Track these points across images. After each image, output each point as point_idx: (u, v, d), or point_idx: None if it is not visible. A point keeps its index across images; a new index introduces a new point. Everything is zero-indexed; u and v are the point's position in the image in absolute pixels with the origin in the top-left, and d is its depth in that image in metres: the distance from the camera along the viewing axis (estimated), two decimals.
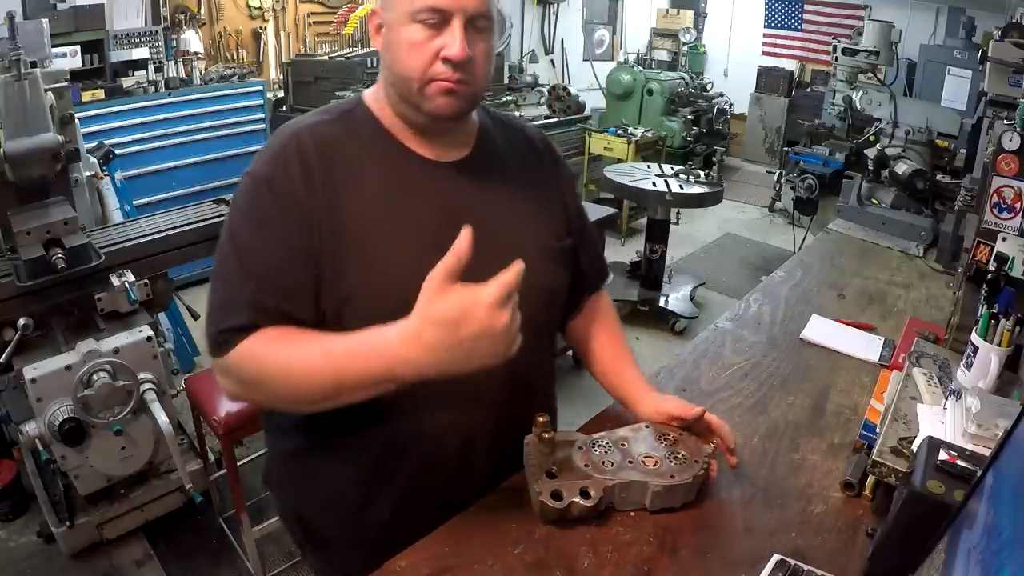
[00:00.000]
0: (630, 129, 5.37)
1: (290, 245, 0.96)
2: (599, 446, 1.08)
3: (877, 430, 1.17)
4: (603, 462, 1.05)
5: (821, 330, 1.68)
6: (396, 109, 1.03)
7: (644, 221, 4.40)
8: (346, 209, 0.98)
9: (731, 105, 7.02)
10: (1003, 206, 1.50)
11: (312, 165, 0.98)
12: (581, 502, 0.99)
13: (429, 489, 1.07)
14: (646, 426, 1.12)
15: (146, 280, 2.23)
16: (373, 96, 1.07)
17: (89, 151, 2.78)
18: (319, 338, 0.92)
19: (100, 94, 3.90)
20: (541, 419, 1.03)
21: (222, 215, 2.48)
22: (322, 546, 1.17)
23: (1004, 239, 1.48)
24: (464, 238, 0.81)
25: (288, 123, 1.05)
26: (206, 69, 4.87)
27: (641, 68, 6.74)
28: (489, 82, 1.02)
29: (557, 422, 1.25)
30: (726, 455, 1.11)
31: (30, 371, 1.89)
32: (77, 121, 2.38)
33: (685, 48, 7.72)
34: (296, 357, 0.92)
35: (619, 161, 4.99)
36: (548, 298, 1.12)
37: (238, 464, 2.16)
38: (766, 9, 7.30)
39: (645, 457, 1.06)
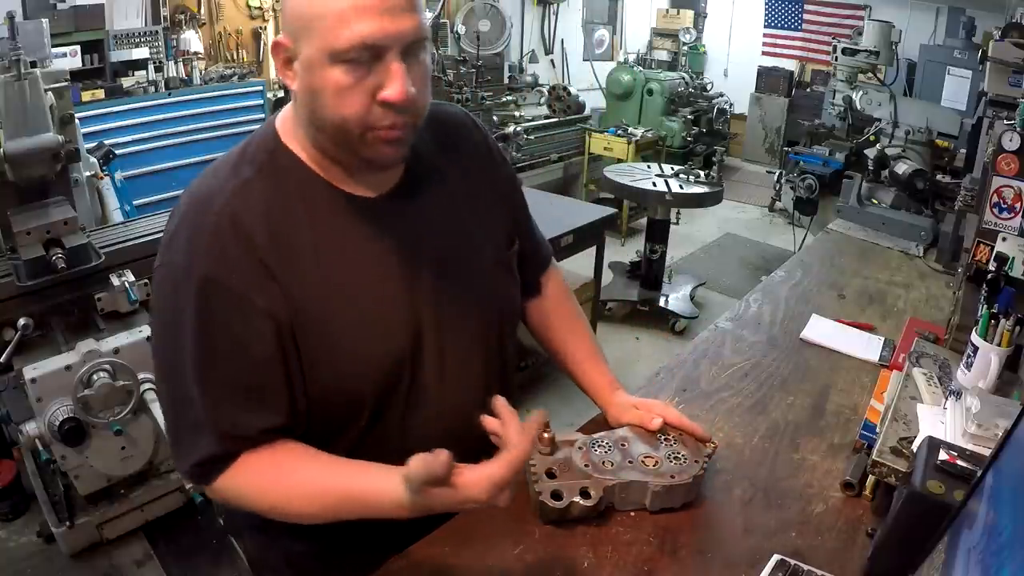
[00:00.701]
0: (630, 129, 5.37)
1: (251, 354, 0.85)
2: (599, 446, 1.08)
3: (877, 430, 1.17)
4: (603, 462, 1.05)
5: (821, 330, 1.68)
6: (321, 149, 0.88)
7: (644, 221, 4.40)
8: (303, 289, 0.86)
9: (731, 105, 7.01)
10: (1003, 206, 1.50)
11: (257, 246, 0.84)
12: (581, 502, 0.99)
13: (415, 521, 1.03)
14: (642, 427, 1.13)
15: (146, 280, 2.23)
16: (288, 131, 0.91)
17: (89, 151, 2.78)
18: (310, 475, 0.88)
19: (100, 94, 3.90)
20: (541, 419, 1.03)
21: None
22: None
23: (1004, 239, 1.47)
24: (442, 462, 0.76)
25: (205, 189, 0.88)
26: (206, 69, 4.86)
27: (641, 68, 6.74)
28: (429, 102, 0.88)
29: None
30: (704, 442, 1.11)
31: (30, 371, 1.90)
32: (77, 121, 2.38)
33: (685, 48, 7.72)
34: (284, 498, 0.89)
35: (619, 161, 4.99)
36: (507, 314, 1.10)
37: None
38: (766, 9, 7.30)
39: (645, 457, 1.06)
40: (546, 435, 1.04)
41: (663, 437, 1.10)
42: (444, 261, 0.98)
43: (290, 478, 0.88)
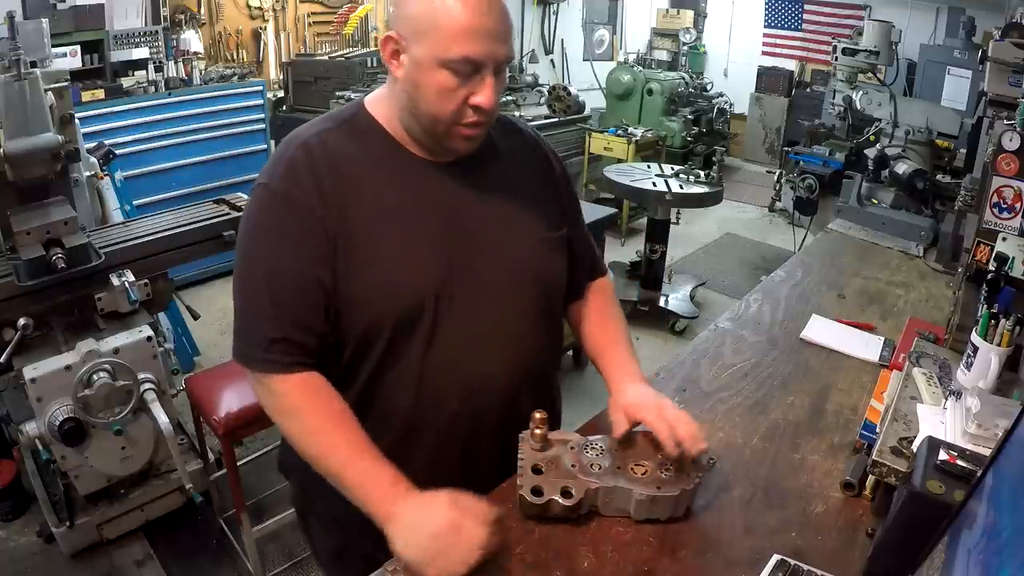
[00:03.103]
0: (630, 129, 5.37)
1: (309, 260, 1.00)
2: (592, 448, 1.07)
3: (877, 430, 1.17)
4: (592, 464, 1.04)
5: (821, 330, 1.68)
6: (407, 127, 1.05)
7: (644, 221, 4.40)
8: (356, 215, 1.01)
9: (731, 105, 7.01)
10: (1003, 206, 1.50)
11: (322, 175, 1.01)
12: (561, 501, 0.99)
13: (440, 476, 1.09)
14: (646, 433, 1.10)
15: (146, 280, 2.23)
16: (375, 103, 1.08)
17: (89, 151, 2.78)
18: (343, 440, 1.00)
19: (100, 94, 3.89)
20: (539, 415, 1.03)
21: (222, 215, 2.48)
22: (335, 529, 1.19)
23: (1004, 239, 1.48)
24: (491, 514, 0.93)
25: (293, 133, 1.08)
26: (206, 69, 4.87)
27: (641, 68, 6.73)
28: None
29: (560, 409, 1.29)
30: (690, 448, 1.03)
31: (30, 371, 1.89)
32: (77, 121, 2.37)
33: (685, 48, 7.72)
34: (313, 441, 1.01)
35: (619, 161, 4.98)
36: (548, 286, 1.16)
37: (238, 464, 2.16)
38: (766, 9, 7.30)
39: (635, 465, 1.04)
40: (538, 431, 1.03)
41: (661, 446, 1.06)
42: (487, 223, 1.09)
43: (325, 428, 1.00)
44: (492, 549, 0.91)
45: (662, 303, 4.08)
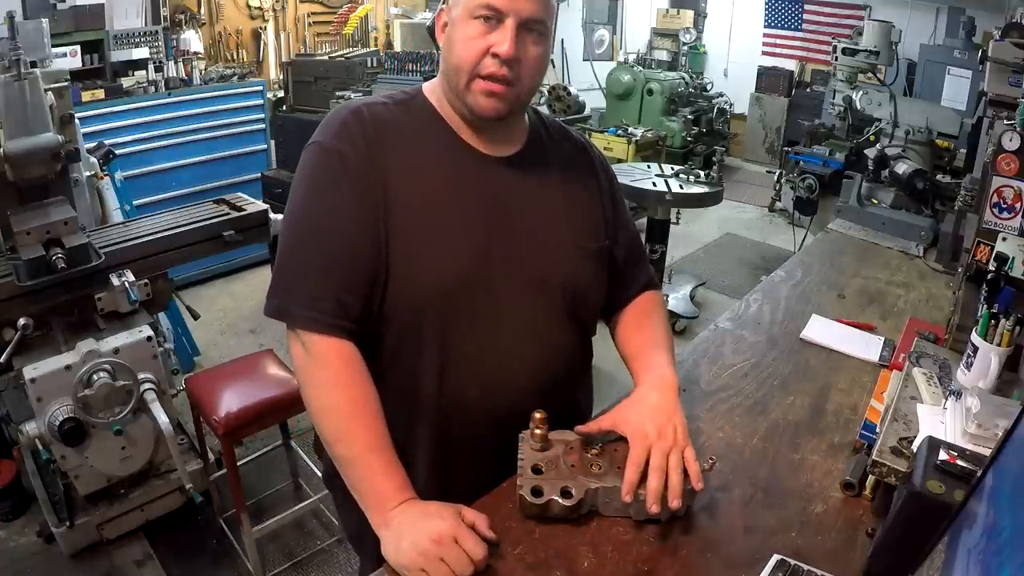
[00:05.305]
0: (630, 129, 5.37)
1: (364, 222, 1.01)
2: (591, 448, 1.07)
3: (877, 430, 1.17)
4: (591, 465, 1.04)
5: (821, 330, 1.68)
6: (449, 100, 1.08)
7: (644, 221, 4.39)
8: (396, 190, 1.02)
9: (731, 105, 7.01)
10: (1003, 206, 1.50)
11: (371, 141, 1.03)
12: (561, 501, 0.98)
13: (458, 473, 1.11)
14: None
15: (146, 280, 2.23)
16: (431, 88, 1.12)
17: (89, 151, 2.78)
18: (362, 432, 0.98)
19: (100, 94, 3.90)
20: (538, 415, 1.03)
21: (222, 215, 2.48)
22: (356, 511, 1.13)
23: (1004, 239, 1.48)
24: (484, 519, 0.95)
25: (352, 102, 1.11)
26: (206, 69, 4.88)
27: (641, 68, 6.74)
28: (536, 88, 1.08)
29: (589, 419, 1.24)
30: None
31: (30, 371, 1.90)
32: (77, 121, 2.38)
33: (685, 48, 7.72)
34: (334, 423, 1.00)
35: (619, 161, 4.98)
36: (576, 294, 1.14)
37: (238, 464, 2.16)
38: (766, 9, 7.30)
39: None
40: (538, 431, 1.03)
41: None
42: (528, 222, 1.09)
43: (362, 401, 0.99)
44: (481, 567, 0.90)
45: None
